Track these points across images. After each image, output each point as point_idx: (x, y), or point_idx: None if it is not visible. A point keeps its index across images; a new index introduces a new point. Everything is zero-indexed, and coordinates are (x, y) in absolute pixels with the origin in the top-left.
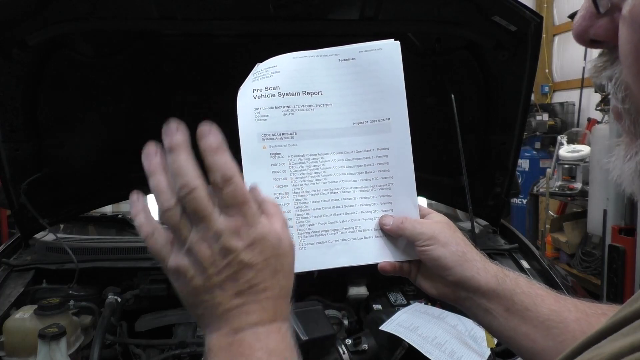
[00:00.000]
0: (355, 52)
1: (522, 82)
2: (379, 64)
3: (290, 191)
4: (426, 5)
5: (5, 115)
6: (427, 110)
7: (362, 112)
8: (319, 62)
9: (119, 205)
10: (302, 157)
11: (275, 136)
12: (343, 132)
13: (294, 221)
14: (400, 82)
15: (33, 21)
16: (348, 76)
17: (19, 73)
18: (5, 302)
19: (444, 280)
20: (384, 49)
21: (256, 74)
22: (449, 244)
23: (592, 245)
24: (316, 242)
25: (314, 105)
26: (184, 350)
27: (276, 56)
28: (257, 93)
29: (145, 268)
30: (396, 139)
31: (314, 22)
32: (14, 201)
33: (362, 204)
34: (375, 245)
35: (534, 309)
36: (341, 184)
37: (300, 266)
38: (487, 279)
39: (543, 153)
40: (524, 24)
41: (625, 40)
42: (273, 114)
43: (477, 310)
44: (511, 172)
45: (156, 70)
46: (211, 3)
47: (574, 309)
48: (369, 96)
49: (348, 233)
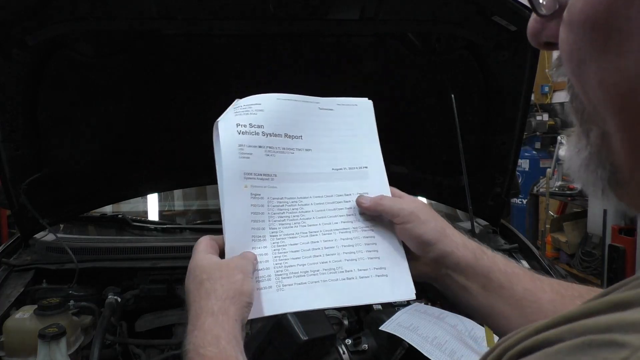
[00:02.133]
0: (334, 104)
1: (522, 82)
2: (354, 117)
3: (268, 234)
4: (426, 5)
5: (5, 115)
6: (427, 110)
7: (340, 160)
8: (301, 107)
9: (119, 205)
10: (281, 200)
11: (256, 176)
12: (322, 177)
13: (271, 263)
14: (374, 135)
15: (33, 21)
16: (327, 125)
17: (19, 73)
18: (5, 302)
19: (424, 259)
20: (358, 105)
21: (238, 109)
22: (429, 221)
23: (592, 245)
24: (295, 284)
25: (295, 149)
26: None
27: (259, 94)
28: (241, 129)
29: (145, 268)
30: (375, 184)
31: (314, 22)
32: (14, 201)
33: (344, 244)
34: (359, 286)
35: (509, 287)
36: (321, 226)
37: (279, 308)
38: (466, 254)
39: (543, 153)
40: (524, 24)
41: (562, 40)
42: (256, 153)
43: (455, 287)
44: (511, 172)
45: (156, 70)
46: (211, 3)
47: (549, 290)
48: (346, 145)
49: (329, 274)
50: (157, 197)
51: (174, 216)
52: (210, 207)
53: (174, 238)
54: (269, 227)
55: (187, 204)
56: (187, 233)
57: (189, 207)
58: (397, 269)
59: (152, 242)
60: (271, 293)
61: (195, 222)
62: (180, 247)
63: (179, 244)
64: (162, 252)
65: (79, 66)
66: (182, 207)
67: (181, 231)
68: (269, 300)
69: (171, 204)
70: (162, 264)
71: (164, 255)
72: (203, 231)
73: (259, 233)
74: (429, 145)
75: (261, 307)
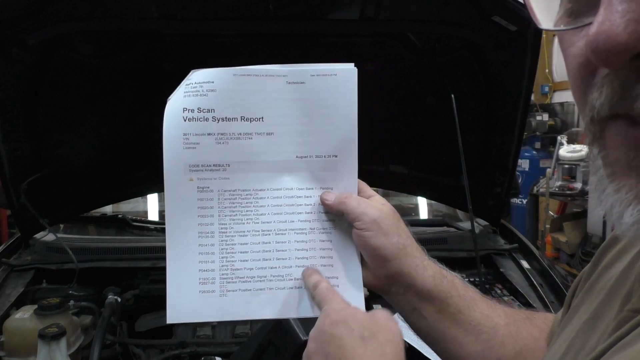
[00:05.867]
0: (306, 76)
1: (522, 82)
2: (330, 92)
3: (217, 230)
4: (426, 5)
5: (5, 115)
6: (427, 110)
7: (306, 145)
8: (263, 83)
9: (119, 205)
10: (234, 193)
11: (204, 167)
12: (284, 166)
13: (217, 264)
14: (353, 116)
15: (33, 21)
16: (295, 102)
17: (19, 73)
18: (5, 302)
19: (378, 272)
20: (338, 74)
21: (189, 87)
22: (391, 234)
23: (592, 245)
24: (239, 289)
25: (253, 133)
26: (184, 350)
27: (214, 69)
28: (187, 114)
29: (145, 268)
30: (342, 179)
31: (314, 22)
32: (14, 201)
33: (297, 248)
34: (305, 297)
35: (467, 313)
36: (276, 224)
37: (218, 315)
38: (425, 277)
39: (543, 153)
40: (524, 24)
41: None
42: (204, 142)
43: (405, 307)
44: (511, 172)
45: (156, 70)
46: (211, 3)
47: (504, 315)
48: (316, 127)
49: (276, 281)
50: (157, 197)
51: None
52: None
53: None
54: (219, 222)
55: None
56: None
57: None
58: (349, 281)
59: (152, 242)
60: (213, 298)
61: None
62: None
63: None
64: (162, 252)
65: (79, 66)
66: None
67: None
68: (209, 305)
69: None
70: (162, 264)
71: (164, 255)
72: None
73: (207, 229)
74: (429, 145)
75: (201, 311)
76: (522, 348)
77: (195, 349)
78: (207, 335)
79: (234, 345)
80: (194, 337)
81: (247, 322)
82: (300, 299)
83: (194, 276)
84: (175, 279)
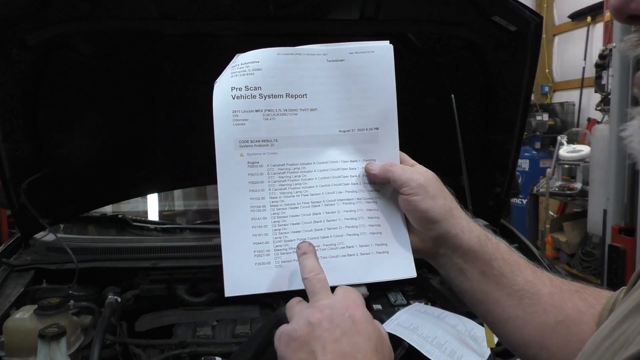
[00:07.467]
0: (345, 53)
1: (522, 82)
2: (369, 67)
3: (268, 204)
4: (426, 5)
5: (5, 115)
6: (427, 110)
7: (349, 119)
8: (305, 61)
9: (119, 205)
10: (283, 167)
11: (254, 143)
12: (328, 140)
13: (271, 237)
14: (392, 90)
15: (33, 21)
16: (335, 79)
17: (19, 73)
18: (5, 302)
19: (424, 235)
20: (375, 51)
21: (235, 68)
22: (437, 197)
23: (592, 245)
24: (294, 260)
25: (298, 109)
26: (184, 350)
27: (259, 50)
28: (236, 92)
29: (145, 268)
30: (384, 150)
31: (314, 22)
32: (14, 201)
33: (346, 217)
34: (360, 264)
35: (510, 277)
36: (324, 196)
37: (275, 286)
38: (470, 238)
39: (543, 153)
40: (524, 24)
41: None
42: (253, 118)
43: (452, 268)
44: (511, 172)
45: (156, 70)
46: (211, 3)
47: (549, 283)
48: (356, 102)
49: (329, 250)
50: (157, 197)
51: (174, 216)
52: (210, 207)
53: (174, 238)
54: (269, 196)
55: (187, 204)
56: (187, 233)
57: (189, 207)
58: (398, 246)
59: (152, 242)
60: (269, 269)
61: (195, 222)
62: (180, 247)
63: (179, 244)
64: (162, 252)
65: (79, 66)
66: (182, 207)
67: (181, 231)
68: (265, 277)
69: (171, 204)
70: (162, 264)
71: (164, 255)
72: (203, 231)
73: (258, 203)
74: (429, 145)
75: (258, 283)
76: (564, 318)
77: (195, 349)
78: (207, 335)
79: (234, 345)
80: (194, 337)
81: (247, 322)
82: (354, 266)
83: (249, 250)
84: (231, 254)
